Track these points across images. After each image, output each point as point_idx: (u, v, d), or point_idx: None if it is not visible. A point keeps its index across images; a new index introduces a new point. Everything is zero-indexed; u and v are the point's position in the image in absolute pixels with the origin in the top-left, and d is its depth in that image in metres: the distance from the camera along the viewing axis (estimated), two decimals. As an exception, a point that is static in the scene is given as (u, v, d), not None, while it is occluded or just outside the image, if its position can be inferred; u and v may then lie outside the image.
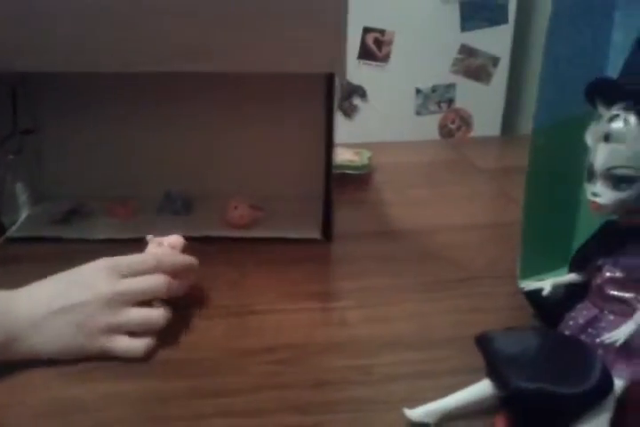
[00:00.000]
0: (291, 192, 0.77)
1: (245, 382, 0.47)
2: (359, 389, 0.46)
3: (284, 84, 0.72)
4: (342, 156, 0.92)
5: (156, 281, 0.51)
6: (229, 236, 0.70)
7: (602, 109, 0.41)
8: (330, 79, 0.64)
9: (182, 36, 0.60)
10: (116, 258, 0.52)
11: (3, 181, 0.72)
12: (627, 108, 0.39)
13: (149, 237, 0.57)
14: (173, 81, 0.72)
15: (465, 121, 1.75)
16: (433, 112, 1.73)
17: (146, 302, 0.51)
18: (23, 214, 0.75)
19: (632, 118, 0.39)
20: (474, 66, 1.69)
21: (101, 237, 0.69)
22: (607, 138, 0.40)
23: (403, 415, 0.43)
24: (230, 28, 0.60)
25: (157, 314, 0.51)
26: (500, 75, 1.71)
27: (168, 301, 0.53)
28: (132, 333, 0.50)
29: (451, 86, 1.71)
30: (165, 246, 0.57)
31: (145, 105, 0.75)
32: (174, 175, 0.77)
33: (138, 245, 0.56)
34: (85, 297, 0.48)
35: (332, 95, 0.65)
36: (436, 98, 1.71)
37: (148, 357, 0.49)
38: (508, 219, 0.73)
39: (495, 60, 1.69)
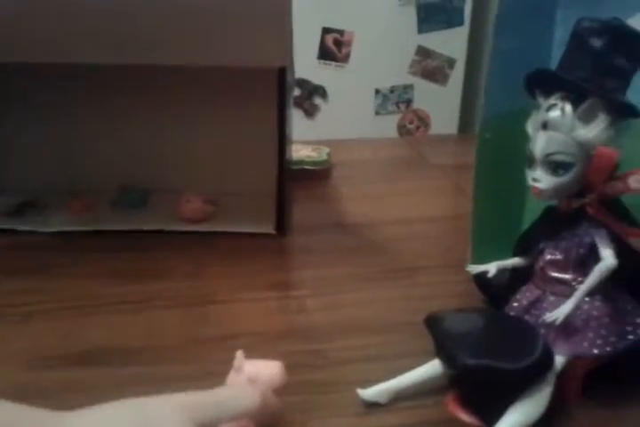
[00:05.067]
0: (246, 187, 0.77)
1: (203, 369, 0.47)
2: (314, 372, 0.48)
3: (239, 81, 0.73)
4: (301, 152, 0.93)
5: None
6: (183, 229, 0.70)
7: (540, 99, 0.43)
8: (281, 75, 0.65)
9: (130, 28, 0.60)
10: (199, 394, 0.37)
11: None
12: (563, 98, 0.42)
13: (239, 354, 0.41)
14: (129, 77, 0.72)
15: (423, 121, 1.78)
16: (392, 112, 1.76)
17: None
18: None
19: (567, 107, 0.41)
20: (430, 67, 1.72)
21: (55, 229, 0.69)
22: (545, 126, 0.42)
23: (356, 396, 0.44)
24: (177, 22, 0.60)
25: None
26: (457, 76, 1.75)
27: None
28: None
29: (409, 87, 1.74)
30: (259, 383, 0.39)
31: (100, 100, 0.75)
32: (129, 169, 0.77)
33: (95, 238, 0.55)
34: None
35: (284, 90, 0.66)
36: (395, 98, 1.74)
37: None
38: (461, 212, 0.75)
39: (451, 62, 1.73)
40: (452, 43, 1.70)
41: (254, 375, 0.39)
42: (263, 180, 0.73)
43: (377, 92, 1.72)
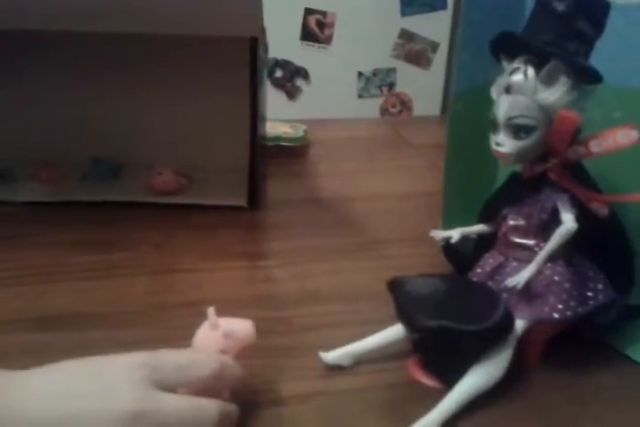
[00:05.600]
0: (219, 162, 0.77)
1: (165, 333, 0.47)
2: (277, 337, 0.48)
3: (212, 55, 0.72)
4: (278, 128, 0.93)
5: (206, 409, 0.35)
6: (155, 202, 0.70)
7: (505, 63, 0.43)
8: (253, 45, 0.64)
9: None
10: (160, 355, 0.37)
11: None
12: (526, 61, 0.42)
13: (210, 310, 0.40)
14: (103, 48, 0.71)
15: (405, 105, 1.78)
16: (374, 95, 1.75)
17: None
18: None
19: (530, 70, 0.41)
20: (413, 51, 1.71)
21: (24, 199, 0.68)
22: (508, 90, 0.42)
23: (319, 360, 0.44)
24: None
25: None
26: (440, 60, 1.75)
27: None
28: None
29: (391, 70, 1.74)
30: (234, 339, 0.40)
31: (72, 70, 0.74)
32: (101, 141, 0.76)
33: (64, 209, 0.55)
34: (102, 409, 0.33)
35: (256, 62, 0.65)
36: (378, 82, 1.73)
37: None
38: (436, 189, 0.75)
39: (434, 46, 1.73)
40: (435, 26, 1.70)
41: (229, 332, 0.39)
42: (236, 154, 0.73)
43: (360, 74, 1.72)
